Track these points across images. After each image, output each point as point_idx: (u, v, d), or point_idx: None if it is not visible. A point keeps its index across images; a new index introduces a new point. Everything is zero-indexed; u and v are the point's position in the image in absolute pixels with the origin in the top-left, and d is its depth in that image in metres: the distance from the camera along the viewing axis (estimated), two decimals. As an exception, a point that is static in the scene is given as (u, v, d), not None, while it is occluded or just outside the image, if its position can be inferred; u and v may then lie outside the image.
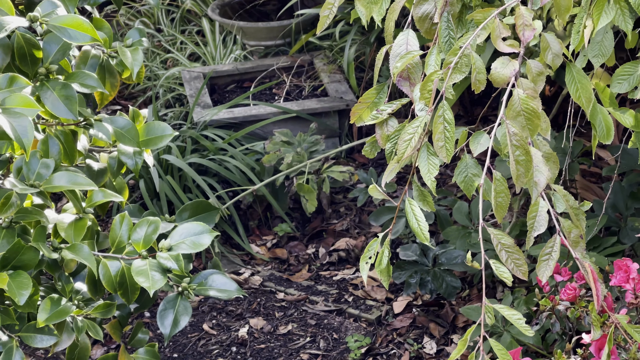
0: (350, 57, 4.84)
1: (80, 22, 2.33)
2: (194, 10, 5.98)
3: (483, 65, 2.04)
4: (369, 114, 2.24)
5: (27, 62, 2.37)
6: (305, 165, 4.23)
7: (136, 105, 5.31)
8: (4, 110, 2.15)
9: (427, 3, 2.18)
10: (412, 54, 2.14)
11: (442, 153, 2.03)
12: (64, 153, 2.51)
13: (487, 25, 2.05)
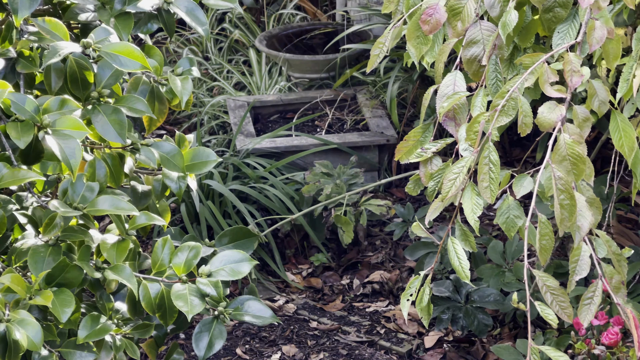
0: (393, 93, 4.82)
1: (131, 49, 2.33)
2: (241, 40, 6.00)
3: (530, 109, 2.02)
4: (414, 151, 2.22)
5: (79, 86, 2.36)
6: (343, 197, 4.21)
7: (181, 130, 5.31)
8: (53, 131, 2.15)
9: (476, 46, 2.16)
10: (459, 94, 2.12)
11: (486, 194, 2.01)
12: (110, 175, 2.50)
13: (535, 69, 2.02)
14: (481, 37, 2.19)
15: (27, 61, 2.34)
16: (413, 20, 2.27)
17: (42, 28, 2.33)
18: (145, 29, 2.60)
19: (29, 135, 2.14)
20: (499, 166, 2.02)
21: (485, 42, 2.17)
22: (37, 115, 2.16)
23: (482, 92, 2.13)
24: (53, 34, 2.35)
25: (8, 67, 2.33)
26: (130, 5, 2.47)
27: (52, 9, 2.61)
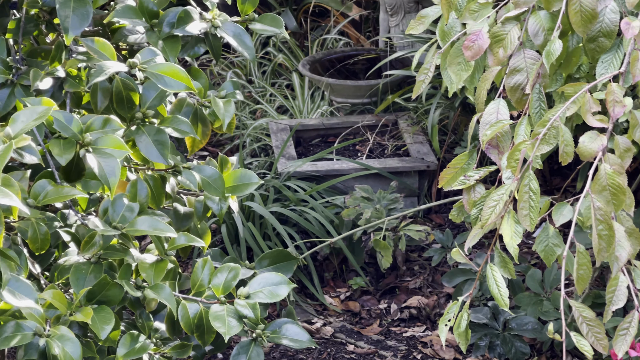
0: (435, 119, 4.80)
1: (176, 71, 2.34)
2: (285, 64, 6.01)
3: (571, 138, 2.00)
4: (457, 179, 2.21)
5: (124, 106, 2.38)
6: (383, 222, 4.20)
7: (224, 151, 5.33)
8: (94, 149, 2.16)
9: (520, 74, 2.15)
10: (502, 123, 2.11)
11: (525, 221, 2.00)
12: (151, 197, 2.51)
13: (577, 99, 2.01)
14: (525, 65, 2.18)
15: (74, 80, 2.37)
16: (455, 46, 2.26)
17: (91, 48, 2.35)
18: (192, 52, 2.62)
19: (70, 152, 2.15)
20: (539, 194, 2.01)
21: (529, 70, 2.16)
22: (79, 133, 2.17)
23: (525, 120, 2.12)
24: (101, 53, 2.36)
25: (56, 86, 2.36)
26: (178, 28, 2.49)
27: (102, 30, 2.63)
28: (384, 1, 5.75)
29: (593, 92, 2.08)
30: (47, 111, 2.01)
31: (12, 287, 1.99)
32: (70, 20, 2.29)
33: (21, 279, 2.01)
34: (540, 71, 2.14)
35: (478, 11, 2.31)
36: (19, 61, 2.41)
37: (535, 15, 2.19)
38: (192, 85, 2.35)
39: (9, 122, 2.00)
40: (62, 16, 2.28)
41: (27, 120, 1.99)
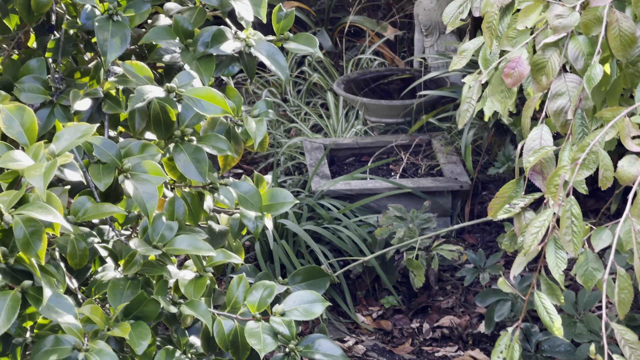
0: (468, 140, 4.79)
1: (213, 94, 2.35)
2: (320, 83, 6.02)
3: (611, 162, 1.98)
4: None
5: (162, 127, 2.39)
6: (416, 241, 4.19)
7: (258, 169, 5.34)
8: (133, 175, 2.17)
9: (562, 97, 2.13)
10: (546, 148, 2.10)
11: (569, 247, 1.98)
12: (189, 214, 2.52)
13: (616, 123, 2.00)
14: (566, 89, 2.16)
15: (113, 102, 2.38)
16: (496, 75, 2.25)
17: (128, 71, 2.37)
18: (227, 71, 2.62)
19: (109, 178, 2.16)
20: (581, 219, 2.00)
21: (571, 94, 2.14)
22: (118, 159, 2.19)
23: (568, 146, 2.10)
24: (138, 77, 2.38)
25: (95, 107, 2.37)
26: (212, 47, 2.49)
27: (138, 48, 2.65)
28: (419, 22, 5.75)
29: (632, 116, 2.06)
30: (91, 129, 2.02)
31: (52, 303, 2.00)
32: (109, 44, 2.30)
33: (61, 294, 2.02)
34: (582, 95, 2.13)
35: (516, 38, 2.30)
36: (59, 81, 2.42)
37: (575, 40, 2.18)
38: (228, 109, 2.36)
39: (53, 140, 2.02)
40: (100, 40, 2.30)
41: (71, 138, 2.00)
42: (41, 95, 2.36)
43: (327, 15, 6.74)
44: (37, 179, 1.85)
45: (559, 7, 2.23)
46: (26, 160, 1.94)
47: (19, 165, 1.91)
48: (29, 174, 1.85)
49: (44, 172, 1.85)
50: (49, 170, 1.86)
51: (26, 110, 2.04)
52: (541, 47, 2.21)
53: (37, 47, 2.59)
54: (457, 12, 2.58)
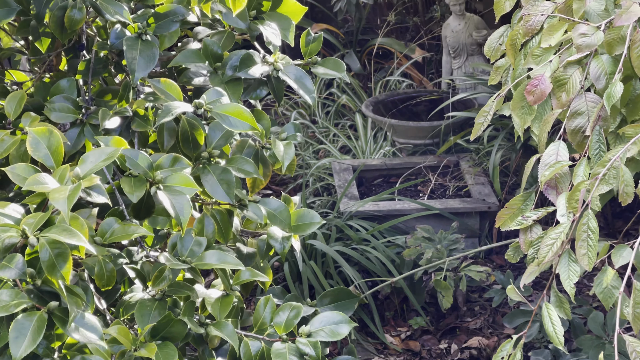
0: (496, 161, 4.77)
1: (241, 111, 2.35)
2: (348, 105, 6.03)
3: (631, 178, 1.97)
4: (515, 219, 2.19)
5: (190, 145, 2.39)
6: (444, 262, 4.17)
7: (287, 191, 5.34)
8: (165, 187, 2.18)
9: (581, 117, 2.13)
10: (561, 163, 2.09)
11: (583, 261, 1.97)
12: (218, 231, 2.52)
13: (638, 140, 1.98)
14: (586, 108, 2.16)
15: (141, 120, 2.39)
16: (518, 91, 2.25)
17: (157, 88, 2.38)
18: (255, 94, 2.63)
19: (141, 190, 2.17)
20: (597, 234, 1.98)
21: (590, 114, 2.14)
22: (150, 171, 2.19)
23: (584, 162, 2.09)
24: (167, 94, 2.39)
25: (124, 126, 2.38)
26: (241, 71, 2.50)
27: (168, 72, 2.66)
28: (447, 44, 5.75)
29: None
30: (116, 152, 2.03)
31: (78, 324, 2.01)
32: (137, 63, 2.32)
33: (87, 315, 2.02)
34: (601, 114, 2.12)
35: (541, 55, 2.30)
36: (88, 101, 2.44)
37: (597, 59, 2.17)
38: (256, 125, 2.36)
39: (79, 163, 2.02)
40: (129, 58, 2.31)
41: (96, 161, 2.01)
42: (71, 115, 2.38)
43: (356, 37, 6.75)
44: (61, 202, 1.85)
45: (583, 26, 2.22)
46: (52, 183, 1.95)
47: (44, 188, 1.92)
48: (53, 197, 1.86)
49: (67, 195, 1.86)
50: (73, 194, 1.87)
51: (53, 133, 2.06)
52: (564, 64, 2.20)
53: (67, 70, 2.61)
54: (497, 44, 2.58)
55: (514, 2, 2.60)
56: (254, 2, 2.59)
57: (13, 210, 2.01)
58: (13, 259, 1.94)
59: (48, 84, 2.52)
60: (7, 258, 1.93)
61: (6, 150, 2.24)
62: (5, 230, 1.94)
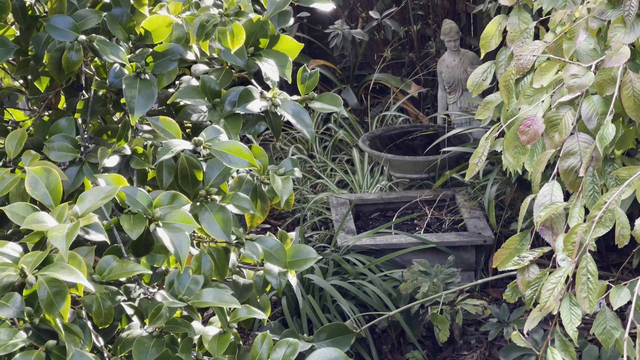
0: (491, 195, 4.77)
1: (239, 148, 2.35)
2: (345, 140, 6.03)
3: (627, 220, 1.97)
4: (511, 259, 2.18)
5: (189, 183, 2.39)
6: (440, 296, 4.15)
7: (285, 225, 5.33)
8: (164, 224, 2.17)
9: (573, 157, 2.13)
10: (556, 204, 2.08)
11: (584, 304, 1.96)
12: (215, 269, 2.51)
13: (632, 182, 1.98)
14: (578, 148, 2.16)
15: (140, 158, 2.38)
16: (511, 131, 2.25)
17: (156, 126, 2.38)
18: (253, 129, 2.63)
19: (140, 227, 2.16)
20: (597, 277, 1.97)
21: (583, 154, 2.14)
22: (149, 209, 2.19)
23: (579, 202, 2.09)
24: (166, 132, 2.39)
25: (122, 164, 2.38)
26: (239, 107, 2.50)
27: (166, 109, 2.66)
28: (442, 79, 5.76)
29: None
30: (114, 191, 2.03)
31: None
32: (136, 101, 2.32)
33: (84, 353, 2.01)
34: (594, 154, 2.12)
35: (533, 96, 2.30)
36: (87, 140, 2.44)
37: (589, 99, 2.17)
38: (254, 162, 2.36)
39: (77, 201, 2.02)
40: (128, 97, 2.31)
41: (94, 199, 2.00)
42: (70, 154, 2.37)
43: (353, 73, 6.77)
44: (60, 240, 1.85)
45: (574, 66, 2.23)
46: (50, 222, 1.94)
47: (42, 227, 1.91)
48: (51, 236, 1.86)
49: (66, 234, 1.85)
50: (71, 232, 1.86)
51: (52, 172, 2.05)
52: (556, 105, 2.20)
53: (66, 108, 2.61)
54: (481, 79, 2.59)
55: (499, 40, 2.62)
56: (251, 39, 2.59)
57: (11, 249, 2.00)
58: (11, 298, 1.93)
59: (47, 123, 2.52)
60: (5, 297, 1.92)
61: (6, 188, 2.23)
62: (4, 269, 1.93)
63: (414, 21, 6.66)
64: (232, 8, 2.42)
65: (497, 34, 2.64)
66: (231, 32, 2.41)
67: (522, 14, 2.63)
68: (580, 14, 2.41)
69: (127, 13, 2.41)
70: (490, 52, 2.70)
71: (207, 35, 2.41)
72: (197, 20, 2.40)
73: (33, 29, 2.45)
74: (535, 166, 2.20)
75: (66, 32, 2.30)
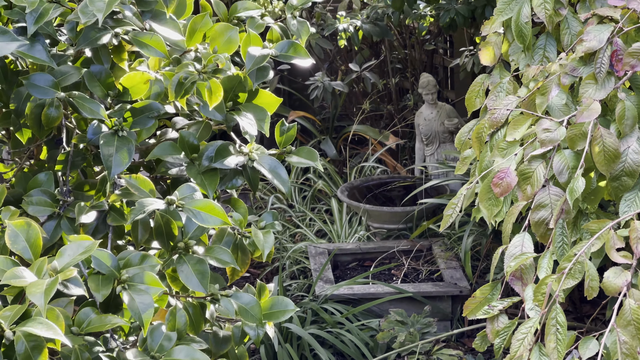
0: (467, 246, 4.79)
1: (213, 206, 2.35)
2: (324, 190, 6.04)
3: (596, 273, 1.98)
4: (482, 308, 2.19)
5: (164, 238, 2.39)
6: (416, 346, 4.15)
7: (264, 274, 5.32)
8: (130, 286, 2.16)
9: (544, 209, 2.15)
10: (526, 255, 2.10)
11: (553, 354, 1.97)
12: (190, 324, 2.50)
13: (601, 235, 2.00)
14: (549, 201, 2.17)
15: (117, 214, 2.38)
16: (485, 183, 2.27)
17: (131, 185, 2.38)
18: (231, 184, 2.63)
19: (107, 288, 2.15)
20: (566, 327, 1.98)
21: (553, 206, 2.16)
22: (116, 271, 2.18)
23: (548, 254, 2.11)
24: (140, 190, 2.38)
25: (100, 219, 2.37)
26: (216, 162, 2.51)
27: (147, 161, 2.66)
28: (420, 131, 5.80)
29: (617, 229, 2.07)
30: (94, 245, 2.02)
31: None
32: (113, 159, 2.31)
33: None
34: (564, 207, 2.13)
35: (506, 149, 2.32)
36: (66, 193, 2.43)
37: (560, 154, 2.19)
38: (227, 220, 2.36)
39: (57, 256, 2.01)
40: (105, 155, 2.31)
41: (73, 254, 2.00)
42: (48, 208, 2.37)
43: (332, 124, 6.80)
44: (38, 296, 1.84)
45: (546, 121, 2.25)
46: (29, 277, 1.94)
47: (21, 282, 1.91)
48: (30, 292, 1.85)
49: (44, 289, 1.85)
50: (50, 288, 1.86)
51: (32, 225, 2.05)
52: (528, 158, 2.23)
53: (47, 160, 2.61)
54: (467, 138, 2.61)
55: (483, 99, 2.65)
56: (230, 94, 2.60)
57: (-10, 302, 1.99)
58: (-12, 351, 1.92)
59: (28, 174, 2.51)
60: (-18, 350, 1.91)
61: (-15, 242, 2.22)
62: (-19, 322, 1.92)
63: (393, 74, 6.71)
64: (211, 65, 2.43)
65: (481, 93, 2.68)
66: (209, 89, 2.42)
67: (503, 73, 2.66)
68: (553, 70, 2.44)
69: (105, 70, 2.42)
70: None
71: (185, 92, 2.42)
72: (176, 78, 2.41)
73: (14, 84, 2.46)
74: (506, 217, 2.22)
75: (46, 89, 2.31)
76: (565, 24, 2.51)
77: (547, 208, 2.18)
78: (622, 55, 2.24)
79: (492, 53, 2.65)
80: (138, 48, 2.38)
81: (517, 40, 2.55)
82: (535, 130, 2.29)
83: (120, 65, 2.47)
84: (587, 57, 2.33)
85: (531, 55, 2.55)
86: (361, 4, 6.56)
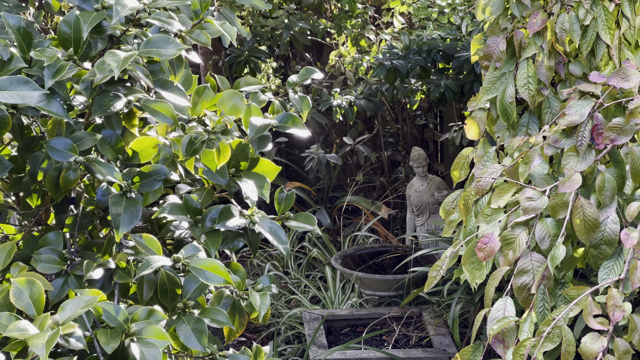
0: (456, 314, 4.81)
1: (216, 266, 2.39)
2: (319, 258, 6.08)
3: (574, 338, 2.02)
4: (466, 371, 2.23)
5: (168, 297, 2.42)
6: (406, 410, 4.15)
7: (260, 338, 5.33)
8: (138, 339, 2.19)
9: (526, 275, 2.19)
10: (508, 319, 2.14)
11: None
12: (189, 382, 2.52)
13: (580, 301, 2.04)
14: (531, 267, 2.22)
15: (123, 272, 2.42)
16: (469, 247, 2.31)
17: (139, 243, 2.42)
18: (232, 245, 2.67)
19: (116, 341, 2.18)
20: (545, 390, 2.01)
21: (535, 272, 2.20)
22: (125, 324, 2.21)
23: (529, 318, 2.14)
24: (148, 248, 2.43)
25: (106, 277, 2.41)
26: (219, 224, 2.55)
27: (150, 226, 2.71)
28: (411, 202, 5.85)
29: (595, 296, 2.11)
30: (94, 300, 2.06)
31: None
32: (121, 219, 2.36)
33: None
34: (546, 273, 2.18)
35: (491, 215, 2.37)
36: (74, 253, 2.48)
37: (542, 222, 2.24)
38: (230, 279, 2.40)
39: (58, 310, 2.04)
40: (113, 214, 2.36)
41: (74, 309, 2.03)
42: (56, 266, 2.41)
43: (327, 195, 6.86)
44: (40, 347, 1.87)
45: (530, 190, 2.31)
46: (32, 330, 1.96)
47: (23, 335, 1.93)
48: (32, 343, 1.88)
49: (46, 341, 1.87)
50: (51, 340, 1.88)
51: (35, 283, 2.08)
52: (511, 224, 2.27)
53: (55, 224, 2.65)
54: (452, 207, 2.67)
55: (467, 171, 2.70)
56: (232, 161, 2.66)
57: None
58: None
59: (37, 237, 2.56)
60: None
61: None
62: (-15, 378, 1.94)
63: (385, 147, 6.79)
64: (219, 126, 2.49)
65: (466, 165, 2.74)
66: (217, 149, 2.48)
67: (487, 147, 2.73)
68: (536, 140, 2.50)
69: (116, 135, 2.48)
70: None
71: (195, 152, 2.47)
72: (186, 138, 2.46)
73: (29, 148, 2.51)
74: (489, 282, 2.26)
75: (65, 152, 2.37)
76: (547, 104, 2.59)
77: (529, 274, 2.22)
78: (602, 129, 2.30)
79: (477, 128, 2.72)
80: (149, 114, 2.44)
81: (502, 118, 2.62)
82: (519, 198, 2.34)
83: (131, 131, 2.53)
84: (569, 130, 2.39)
85: (515, 132, 2.62)
86: (355, 79, 6.66)
